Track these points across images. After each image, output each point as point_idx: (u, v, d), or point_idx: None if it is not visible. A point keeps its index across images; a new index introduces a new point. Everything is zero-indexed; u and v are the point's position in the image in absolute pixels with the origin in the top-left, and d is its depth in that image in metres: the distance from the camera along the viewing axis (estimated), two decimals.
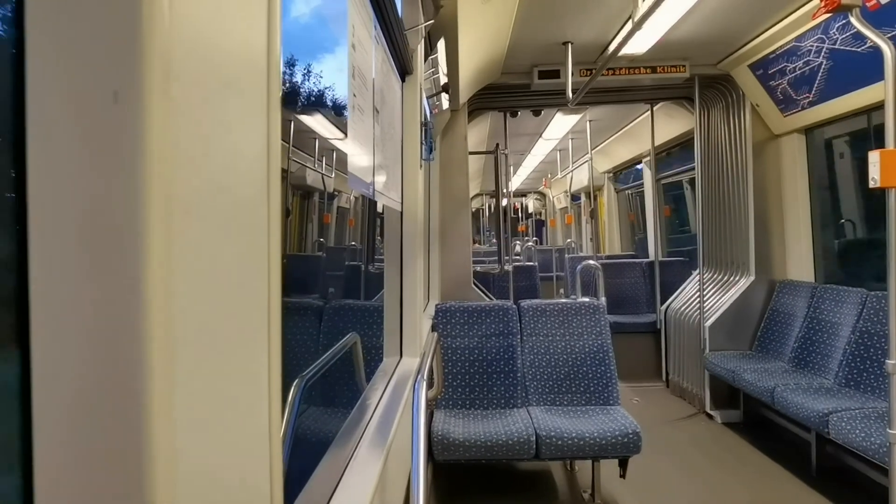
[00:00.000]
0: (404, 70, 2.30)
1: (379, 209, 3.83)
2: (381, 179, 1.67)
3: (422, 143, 2.48)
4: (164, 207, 0.38)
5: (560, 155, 8.99)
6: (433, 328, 3.53)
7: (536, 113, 5.47)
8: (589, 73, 4.39)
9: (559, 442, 2.84)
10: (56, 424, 0.35)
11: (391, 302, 2.32)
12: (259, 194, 0.54)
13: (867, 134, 4.14)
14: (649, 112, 5.66)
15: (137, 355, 0.35)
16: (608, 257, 7.80)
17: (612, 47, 3.95)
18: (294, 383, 1.39)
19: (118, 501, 0.35)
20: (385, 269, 2.38)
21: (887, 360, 2.34)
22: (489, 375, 3.48)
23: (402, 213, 2.32)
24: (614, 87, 4.67)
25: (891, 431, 2.35)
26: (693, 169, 5.19)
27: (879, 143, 2.37)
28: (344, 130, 1.37)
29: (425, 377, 1.53)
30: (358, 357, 2.09)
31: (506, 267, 5.35)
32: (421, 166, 2.51)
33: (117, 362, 0.35)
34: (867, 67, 3.25)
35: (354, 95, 1.23)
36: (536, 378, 3.50)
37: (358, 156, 1.30)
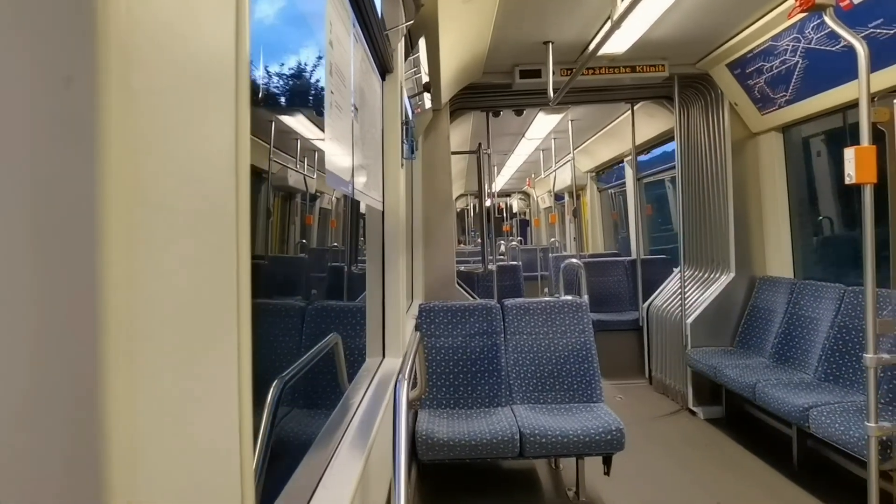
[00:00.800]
0: (384, 69, 2.29)
1: (362, 209, 3.82)
2: (361, 178, 1.66)
3: (403, 142, 2.47)
4: (124, 199, 0.36)
5: (543, 155, 9.03)
6: (417, 328, 3.52)
7: (519, 112, 5.48)
8: (570, 72, 4.41)
9: (543, 440, 2.85)
10: (2, 426, 0.34)
11: (373, 302, 2.31)
12: (227, 189, 0.53)
13: (843, 131, 4.22)
14: (630, 111, 5.70)
15: (93, 354, 0.34)
16: (591, 256, 7.85)
17: (592, 46, 3.97)
18: (273, 384, 1.37)
19: None
20: (367, 268, 2.36)
21: (865, 354, 2.38)
22: (473, 374, 3.48)
23: (383, 212, 2.31)
24: (595, 86, 4.70)
25: (869, 424, 2.39)
26: (674, 167, 5.24)
27: (854, 140, 2.41)
28: (326, 131, 1.36)
29: (407, 377, 1.51)
30: (339, 357, 2.07)
31: (490, 266, 5.36)
32: (402, 165, 2.49)
33: (71, 361, 0.34)
34: (841, 66, 3.30)
35: (332, 93, 1.22)
36: (520, 376, 3.51)
37: (337, 154, 1.29)
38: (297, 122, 1.98)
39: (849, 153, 2.35)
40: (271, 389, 1.34)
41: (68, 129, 0.34)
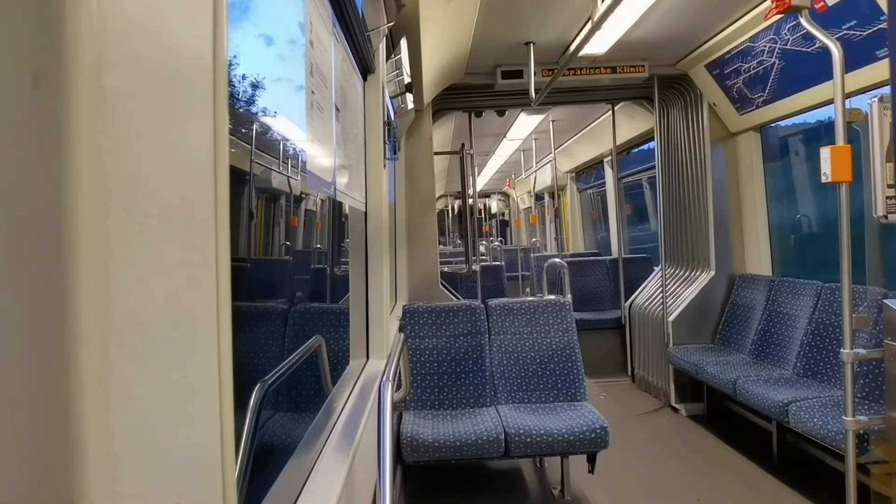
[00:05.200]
0: (366, 69, 2.28)
1: (345, 211, 3.80)
2: (343, 179, 1.64)
3: (385, 142, 2.46)
4: (96, 201, 0.35)
5: (524, 155, 9.06)
6: (401, 329, 3.50)
7: (501, 113, 5.49)
8: (551, 73, 4.43)
9: (528, 439, 2.85)
10: None
11: (357, 304, 2.29)
12: (205, 191, 0.52)
13: (819, 130, 4.30)
14: (610, 112, 5.75)
15: (66, 360, 0.33)
16: (572, 255, 7.89)
17: (572, 47, 3.99)
18: (255, 388, 1.35)
19: None
20: (350, 270, 2.34)
21: (842, 350, 2.42)
22: (458, 375, 3.48)
23: (366, 213, 2.30)
24: (576, 87, 4.73)
25: (846, 419, 2.43)
26: (653, 168, 5.29)
27: (830, 139, 2.45)
28: (307, 131, 1.34)
29: (391, 378, 1.50)
30: (323, 360, 2.06)
31: (473, 267, 5.36)
32: (385, 166, 2.48)
33: (44, 367, 0.33)
34: (817, 67, 3.36)
35: (313, 93, 1.21)
36: (505, 376, 3.51)
37: (319, 155, 1.27)
38: (280, 124, 1.96)
39: (824, 153, 2.39)
40: (254, 393, 1.32)
41: (35, 130, 0.33)
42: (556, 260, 5.17)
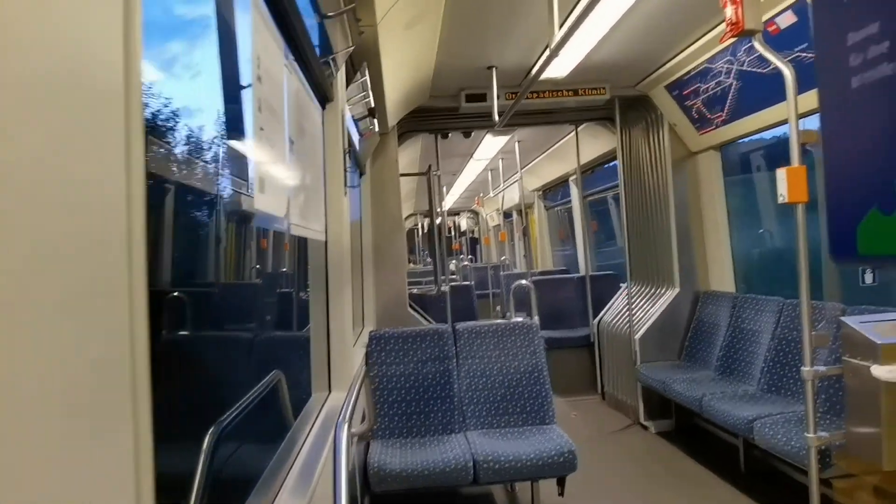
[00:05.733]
0: (325, 97, 2.25)
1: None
2: (299, 212, 1.61)
3: (346, 170, 2.43)
4: None
5: (491, 174, 9.12)
6: (367, 356, 3.45)
7: (467, 134, 5.52)
8: (514, 96, 4.48)
9: (496, 466, 2.82)
10: None
11: (318, 335, 2.24)
12: (113, 220, 0.48)
13: (779, 148, 4.42)
14: (574, 132, 5.83)
15: None
16: (541, 273, 7.94)
17: (534, 71, 4.05)
18: (209, 432, 1.30)
19: None
20: (311, 300, 2.30)
21: (802, 368, 2.45)
22: (426, 402, 3.43)
23: (326, 242, 2.26)
24: (539, 109, 4.78)
25: (808, 435, 2.46)
26: (618, 186, 5.37)
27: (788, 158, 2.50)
28: (275, 154, 1.31)
29: (347, 419, 1.46)
30: (283, 395, 2.00)
31: (442, 288, 5.33)
32: (346, 193, 2.45)
33: None
34: (772, 87, 3.46)
35: (262, 129, 1.18)
36: (473, 401, 3.48)
37: (270, 191, 1.24)
38: (247, 147, 1.92)
39: (780, 174, 2.44)
40: (206, 438, 1.26)
41: None
42: (523, 282, 5.18)
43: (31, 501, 0.37)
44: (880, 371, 2.23)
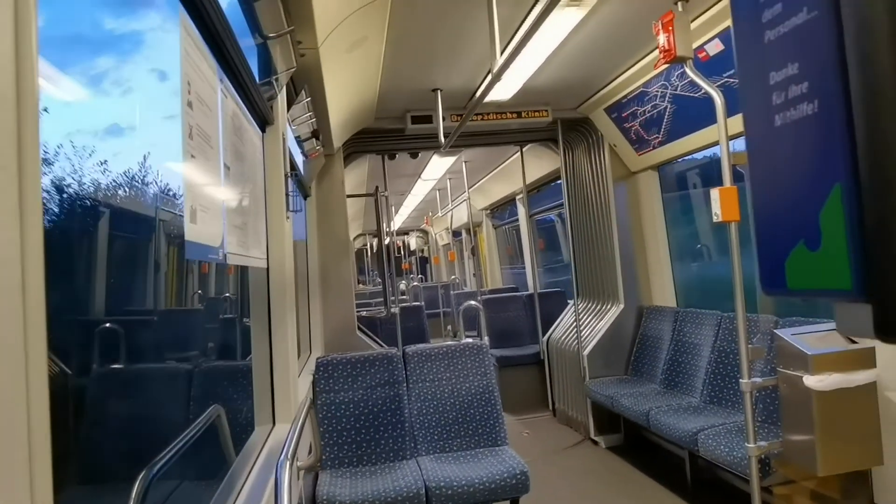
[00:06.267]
0: (264, 120, 2.20)
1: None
2: (237, 240, 1.55)
3: (288, 193, 2.38)
4: None
5: (440, 194, 9.17)
6: (314, 383, 3.35)
7: (414, 155, 5.53)
8: (459, 118, 4.52)
9: (449, 492, 2.77)
10: None
11: (260, 365, 2.16)
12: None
13: (712, 169, 4.61)
14: (519, 153, 5.93)
15: None
16: (491, 292, 7.98)
17: (478, 94, 4.10)
18: (139, 477, 1.21)
19: None
20: (252, 329, 2.21)
21: (740, 380, 2.54)
22: (376, 428, 3.36)
23: (268, 269, 2.19)
24: (484, 130, 4.84)
25: (748, 445, 2.54)
26: (563, 205, 5.48)
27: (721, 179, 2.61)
28: (209, 181, 1.26)
29: (290, 454, 1.39)
30: (223, 431, 1.90)
31: (392, 309, 5.27)
32: (288, 217, 2.39)
33: None
34: (704, 111, 3.62)
35: (193, 157, 1.13)
36: (424, 426, 3.43)
37: (202, 220, 1.19)
38: (186, 170, 1.85)
39: (714, 193, 2.54)
40: (136, 485, 1.18)
41: None
42: (472, 303, 5.18)
43: None
44: (811, 381, 2.33)
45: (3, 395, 0.43)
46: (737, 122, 3.28)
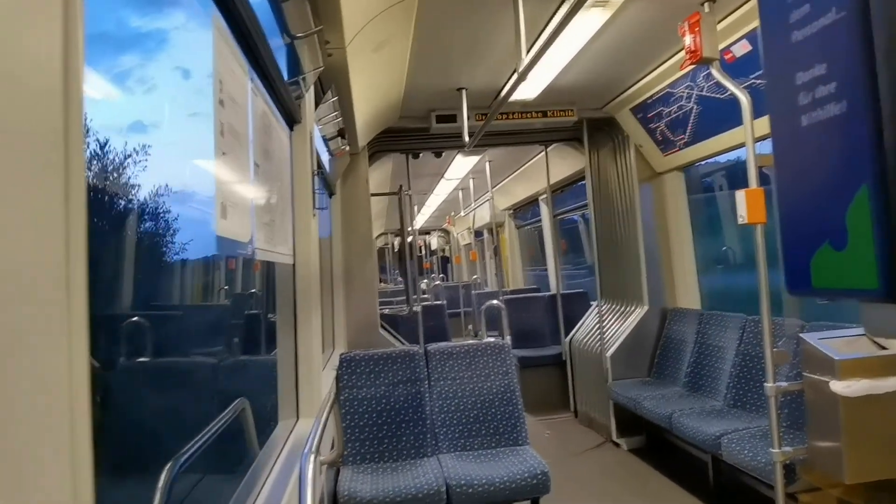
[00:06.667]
0: (292, 119, 2.24)
1: None
2: (265, 236, 1.59)
3: (314, 191, 2.41)
4: None
5: (462, 194, 9.17)
6: (338, 379, 3.39)
7: (437, 154, 5.55)
8: (484, 117, 4.52)
9: (470, 490, 2.79)
10: None
11: (286, 360, 2.20)
12: (51, 231, 0.46)
13: (737, 170, 4.55)
14: (544, 153, 5.91)
15: None
16: (512, 292, 7.96)
17: (503, 94, 4.10)
18: (165, 468, 1.25)
19: None
20: (278, 324, 2.25)
21: (765, 384, 2.50)
22: (398, 425, 3.38)
23: (294, 265, 2.23)
24: (508, 130, 4.84)
25: (773, 451, 2.50)
26: (587, 205, 5.45)
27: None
28: (239, 178, 1.29)
29: (314, 447, 1.42)
30: (248, 424, 1.94)
31: (414, 308, 5.29)
32: (314, 215, 2.43)
33: None
34: (731, 112, 3.57)
35: (224, 154, 1.16)
36: (445, 424, 3.44)
37: (232, 216, 1.22)
38: (211, 165, 1.89)
39: (740, 195, 2.50)
40: (162, 476, 1.22)
41: None
42: (494, 302, 5.18)
43: None
44: (838, 387, 2.29)
45: (49, 382, 0.45)
46: (763, 124, 3.22)
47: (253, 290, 3.75)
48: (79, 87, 0.52)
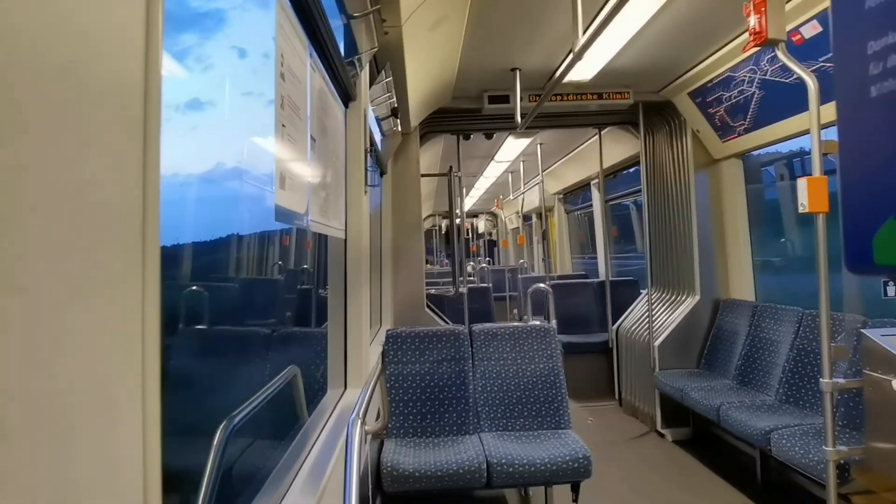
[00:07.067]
0: (347, 96, 2.28)
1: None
2: (319, 209, 1.63)
3: (367, 168, 2.45)
4: None
5: (512, 176, 9.11)
6: (384, 354, 3.47)
7: (488, 136, 5.52)
8: (537, 98, 4.47)
9: (510, 469, 2.81)
10: None
11: (335, 332, 2.26)
12: (130, 199, 0.49)
13: (800, 158, 4.35)
14: (597, 136, 5.80)
15: None
16: (560, 277, 7.89)
17: (557, 74, 4.03)
18: (221, 426, 1.32)
19: None
20: (329, 297, 2.32)
21: (821, 380, 2.42)
22: (441, 402, 3.44)
23: (345, 240, 2.28)
24: (562, 112, 4.77)
25: (827, 449, 2.42)
26: (640, 191, 5.33)
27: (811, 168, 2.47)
28: (296, 152, 1.33)
29: (361, 414, 1.47)
30: (298, 391, 2.02)
31: (460, 289, 5.33)
32: (366, 192, 2.47)
33: None
34: (795, 97, 3.42)
35: (283, 126, 1.20)
36: (488, 403, 3.48)
37: (290, 188, 1.26)
38: (270, 143, 1.95)
39: (801, 183, 2.40)
40: (218, 432, 1.28)
41: None
42: (541, 285, 5.15)
43: (43, 488, 0.38)
44: None
45: (124, 338, 0.49)
46: (829, 111, 3.07)
47: (305, 266, 3.86)
48: (158, 67, 0.55)
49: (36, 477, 0.38)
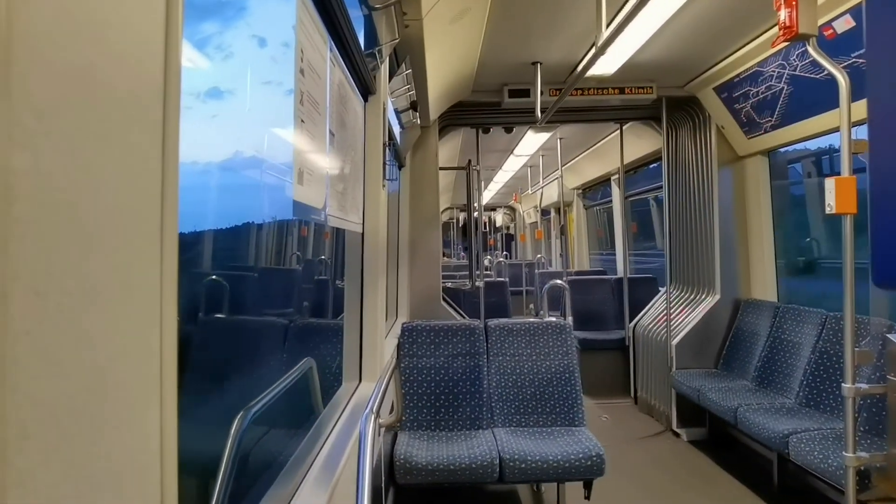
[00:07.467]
0: (367, 90, 2.27)
1: None
2: (337, 203, 1.63)
3: (385, 162, 2.45)
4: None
5: (531, 171, 9.05)
6: (399, 347, 3.48)
7: (508, 130, 5.49)
8: (558, 92, 4.43)
9: (523, 465, 2.81)
10: None
11: (351, 324, 2.28)
12: (148, 200, 0.49)
13: (828, 157, 4.26)
14: (618, 131, 5.73)
15: None
16: (577, 273, 7.85)
17: (579, 68, 3.99)
18: (237, 416, 1.33)
19: None
20: (345, 291, 2.33)
21: (843, 384, 2.37)
22: (455, 396, 3.44)
23: (363, 234, 2.29)
24: (583, 106, 4.72)
25: (847, 455, 2.38)
26: (660, 187, 5.26)
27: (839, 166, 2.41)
28: (315, 146, 1.33)
29: (375, 408, 1.47)
30: (314, 383, 2.03)
31: (477, 283, 5.32)
32: (384, 186, 2.47)
33: None
34: (825, 94, 3.33)
35: (303, 122, 1.20)
36: (502, 399, 3.47)
37: (308, 182, 1.26)
38: (289, 134, 1.96)
39: (829, 183, 2.35)
40: (235, 422, 1.30)
41: None
42: (558, 281, 5.12)
43: (59, 478, 0.39)
44: None
45: (142, 330, 0.49)
46: (861, 108, 2.99)
47: (322, 257, 3.88)
48: (177, 68, 0.54)
49: (55, 476, 0.38)
